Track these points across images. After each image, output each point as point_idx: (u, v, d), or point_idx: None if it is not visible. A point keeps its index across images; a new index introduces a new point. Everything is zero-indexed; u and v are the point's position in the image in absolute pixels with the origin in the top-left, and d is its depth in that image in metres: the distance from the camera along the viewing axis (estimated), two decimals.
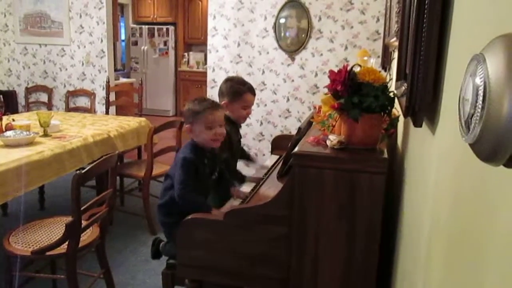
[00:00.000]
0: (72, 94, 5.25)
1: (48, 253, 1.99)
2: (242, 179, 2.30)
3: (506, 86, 0.38)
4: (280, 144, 2.64)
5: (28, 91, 5.42)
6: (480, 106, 0.41)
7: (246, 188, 2.11)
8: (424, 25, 0.93)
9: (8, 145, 2.59)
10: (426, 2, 0.92)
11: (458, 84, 0.52)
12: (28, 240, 2.10)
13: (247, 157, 2.62)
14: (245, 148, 2.76)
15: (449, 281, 0.70)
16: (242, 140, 2.50)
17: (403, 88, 1.28)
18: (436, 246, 0.82)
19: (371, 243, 1.48)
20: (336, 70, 1.47)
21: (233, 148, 2.23)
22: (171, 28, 8.28)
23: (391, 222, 1.64)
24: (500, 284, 0.48)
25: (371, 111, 1.43)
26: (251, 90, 2.29)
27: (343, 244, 1.50)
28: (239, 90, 2.22)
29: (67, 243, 1.97)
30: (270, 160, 2.54)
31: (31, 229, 2.22)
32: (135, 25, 8.58)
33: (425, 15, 0.93)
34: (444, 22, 0.89)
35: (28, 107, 5.33)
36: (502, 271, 0.47)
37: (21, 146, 2.58)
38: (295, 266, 1.56)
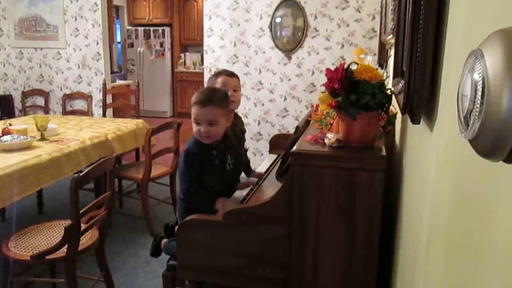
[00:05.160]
0: (69, 97, 5.24)
1: (47, 257, 1.99)
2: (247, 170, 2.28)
3: (505, 81, 0.37)
4: (278, 143, 2.64)
5: (25, 95, 5.40)
6: (479, 102, 0.40)
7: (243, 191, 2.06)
8: (420, 22, 0.93)
9: (5, 150, 2.58)
10: None
11: (455, 80, 0.52)
12: (27, 245, 2.09)
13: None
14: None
15: (450, 281, 0.70)
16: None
17: (400, 85, 1.27)
18: (435, 245, 0.82)
19: (371, 241, 1.48)
20: (332, 68, 1.47)
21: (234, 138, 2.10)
22: (167, 29, 8.27)
23: (391, 219, 1.63)
24: (501, 284, 0.47)
25: (368, 109, 1.43)
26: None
27: (343, 242, 1.50)
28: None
29: (66, 246, 1.96)
30: (268, 159, 2.53)
31: (29, 233, 2.21)
32: (130, 27, 8.57)
33: (421, 12, 0.93)
34: (441, 18, 0.89)
35: (24, 111, 5.31)
36: (504, 270, 0.47)
37: (19, 151, 2.57)
38: (295, 266, 1.56)
